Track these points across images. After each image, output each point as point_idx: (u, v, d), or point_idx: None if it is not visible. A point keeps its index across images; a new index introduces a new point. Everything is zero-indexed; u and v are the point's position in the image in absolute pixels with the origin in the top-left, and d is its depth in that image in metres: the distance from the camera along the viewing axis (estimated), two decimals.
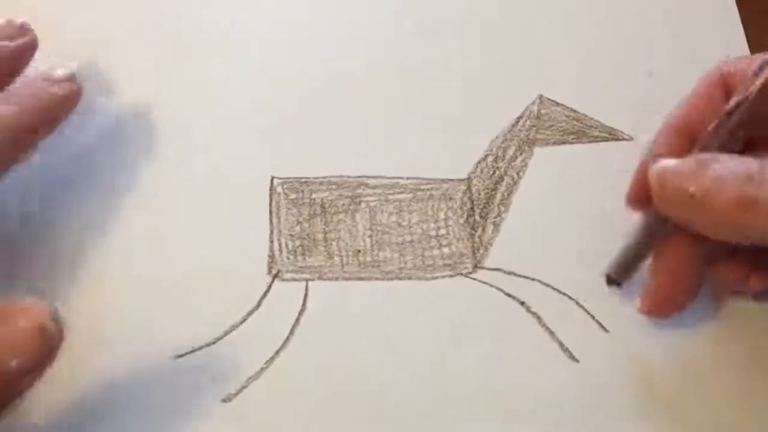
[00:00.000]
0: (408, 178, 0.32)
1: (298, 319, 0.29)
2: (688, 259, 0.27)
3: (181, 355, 0.28)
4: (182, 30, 0.36)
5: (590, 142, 0.34)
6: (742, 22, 0.36)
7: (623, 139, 0.34)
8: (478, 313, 0.30)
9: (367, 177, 0.32)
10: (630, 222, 0.29)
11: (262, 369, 0.28)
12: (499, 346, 0.29)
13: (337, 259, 0.31)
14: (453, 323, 0.29)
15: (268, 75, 0.35)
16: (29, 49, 0.29)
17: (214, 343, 0.29)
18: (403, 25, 0.36)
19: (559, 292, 0.30)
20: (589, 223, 0.31)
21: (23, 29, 0.29)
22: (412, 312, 0.29)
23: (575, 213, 0.32)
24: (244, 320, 0.29)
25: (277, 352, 0.28)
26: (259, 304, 0.29)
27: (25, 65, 0.29)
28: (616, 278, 0.28)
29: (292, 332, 0.29)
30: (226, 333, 0.29)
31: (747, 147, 0.26)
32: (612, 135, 0.34)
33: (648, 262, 0.28)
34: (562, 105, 0.34)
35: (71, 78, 0.29)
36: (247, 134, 0.33)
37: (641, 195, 0.28)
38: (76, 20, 0.35)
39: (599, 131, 0.34)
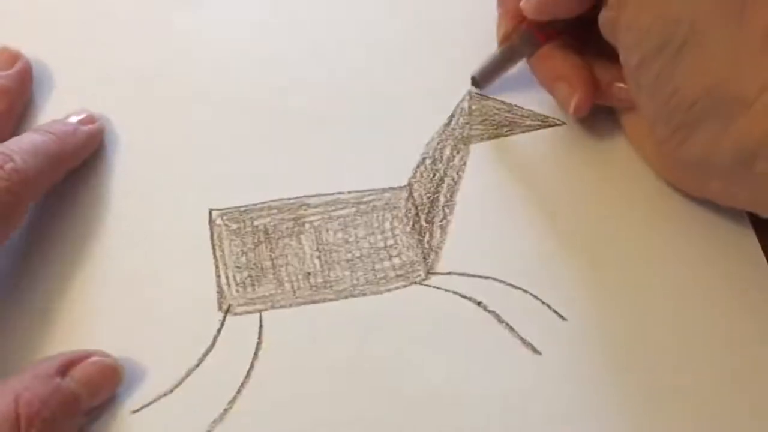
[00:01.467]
0: (349, 192, 0.32)
1: (256, 353, 0.28)
2: (563, 59, 0.32)
3: (138, 410, 0.27)
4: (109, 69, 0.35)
5: (524, 131, 0.34)
6: None
7: (556, 125, 0.34)
8: (437, 320, 0.29)
9: (308, 197, 0.32)
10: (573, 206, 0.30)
11: (226, 410, 0.27)
12: (462, 349, 0.29)
13: (288, 285, 0.30)
14: (413, 333, 0.29)
15: (196, 104, 0.34)
16: (28, 71, 0.33)
17: (171, 391, 0.28)
18: (325, 40, 0.36)
19: (514, 286, 0.30)
20: (534, 212, 0.32)
21: (14, 55, 0.33)
22: (371, 328, 0.29)
23: (519, 204, 0.32)
24: (200, 362, 0.28)
25: (238, 391, 0.28)
26: (213, 343, 0.29)
27: (29, 88, 0.33)
28: (479, 81, 0.34)
29: (251, 368, 0.28)
30: (183, 378, 0.28)
31: None
32: (544, 122, 0.34)
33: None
34: (492, 98, 0.35)
35: (94, 119, 0.32)
36: (179, 168, 0.32)
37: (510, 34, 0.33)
38: None
39: (531, 120, 0.34)
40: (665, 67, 0.27)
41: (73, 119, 0.32)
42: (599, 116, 0.34)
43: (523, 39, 0.32)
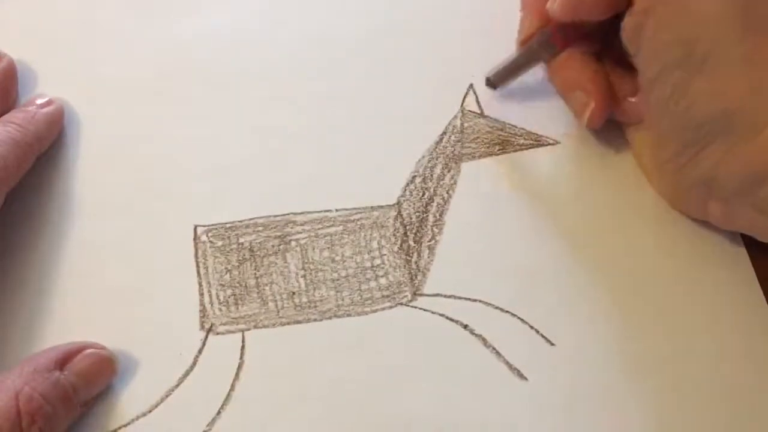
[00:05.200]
0: (337, 210, 0.31)
1: (237, 374, 0.28)
2: (581, 67, 0.31)
3: (115, 430, 0.27)
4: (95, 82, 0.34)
5: (516, 150, 0.33)
6: None
7: (549, 144, 0.33)
8: (423, 342, 0.29)
9: (295, 214, 0.31)
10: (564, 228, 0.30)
11: None
12: (447, 373, 0.28)
13: (271, 304, 0.29)
14: (398, 356, 0.28)
15: (183, 118, 0.34)
16: (11, 70, 0.33)
17: (150, 411, 0.27)
18: (315, 56, 0.35)
19: (502, 310, 0.29)
20: (524, 234, 0.31)
21: None
22: (355, 350, 0.29)
23: (509, 226, 0.31)
24: (180, 382, 0.28)
25: (218, 413, 0.27)
26: (194, 363, 0.28)
27: (13, 87, 0.33)
28: (494, 82, 0.33)
29: (232, 389, 0.28)
30: (163, 399, 0.27)
31: None
32: (537, 141, 0.34)
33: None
34: (485, 116, 0.34)
35: (51, 101, 0.33)
36: (165, 183, 0.32)
37: (531, 36, 0.32)
38: None
39: (524, 139, 0.34)
40: (681, 83, 0.27)
41: (31, 106, 0.32)
42: (592, 136, 0.33)
43: (541, 43, 0.32)
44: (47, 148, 0.32)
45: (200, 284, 0.30)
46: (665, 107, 0.28)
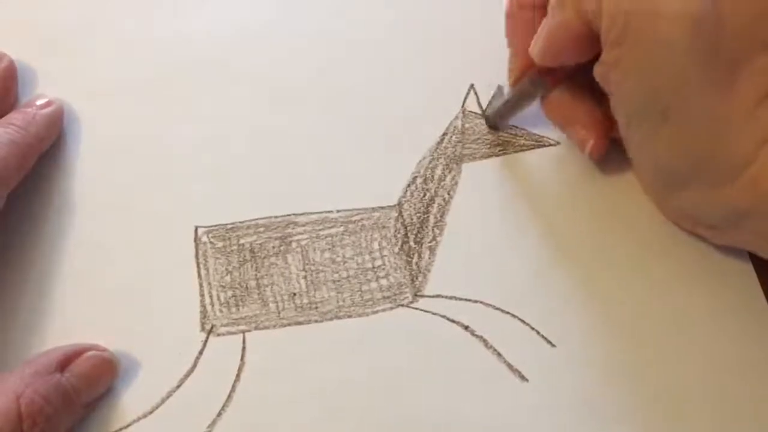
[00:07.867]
0: (338, 211, 0.31)
1: (238, 376, 0.28)
2: (575, 103, 0.31)
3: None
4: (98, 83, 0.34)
5: (517, 151, 0.33)
6: None
7: (550, 145, 0.33)
8: (424, 343, 0.29)
9: (296, 215, 0.31)
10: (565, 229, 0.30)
11: None
12: (447, 375, 0.28)
13: (272, 305, 0.29)
14: (399, 357, 0.28)
15: (183, 119, 0.33)
16: (11, 70, 0.33)
17: (150, 413, 0.27)
18: (315, 57, 0.35)
19: (503, 311, 0.29)
20: (525, 235, 0.31)
21: None
22: (356, 351, 0.29)
23: (510, 226, 0.31)
24: (180, 384, 0.28)
25: (219, 414, 0.27)
26: (195, 365, 0.28)
27: (13, 88, 0.33)
28: (493, 122, 0.33)
29: (233, 390, 0.28)
30: (163, 400, 0.27)
31: None
32: (538, 142, 0.33)
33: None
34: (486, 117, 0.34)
35: (51, 102, 0.32)
36: (166, 183, 0.32)
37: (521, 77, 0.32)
38: None
39: (525, 140, 0.34)
40: (647, 134, 0.27)
41: (31, 107, 0.32)
42: None
43: (533, 82, 0.31)
44: (47, 149, 0.32)
45: (201, 285, 0.30)
46: (637, 153, 0.29)
